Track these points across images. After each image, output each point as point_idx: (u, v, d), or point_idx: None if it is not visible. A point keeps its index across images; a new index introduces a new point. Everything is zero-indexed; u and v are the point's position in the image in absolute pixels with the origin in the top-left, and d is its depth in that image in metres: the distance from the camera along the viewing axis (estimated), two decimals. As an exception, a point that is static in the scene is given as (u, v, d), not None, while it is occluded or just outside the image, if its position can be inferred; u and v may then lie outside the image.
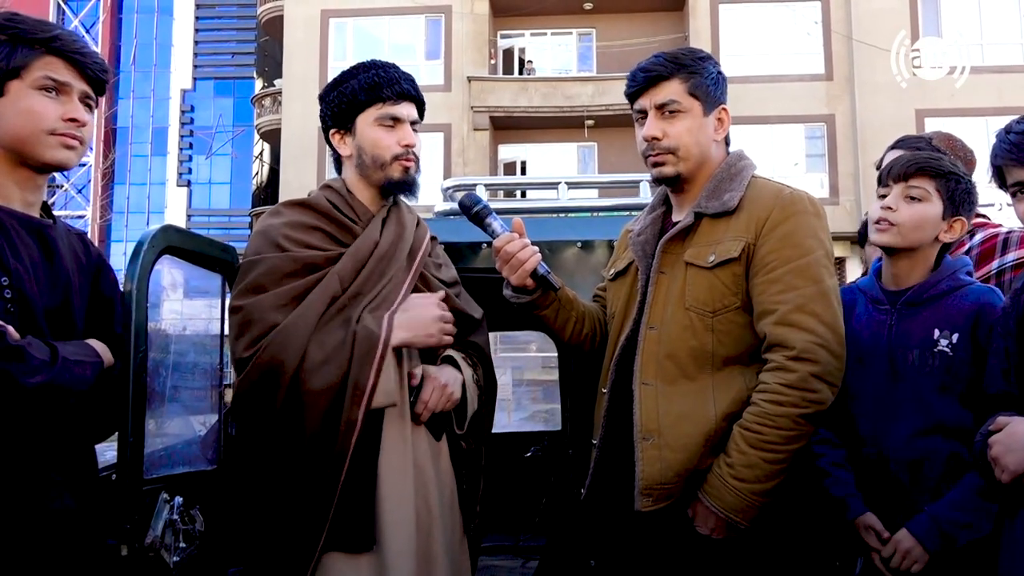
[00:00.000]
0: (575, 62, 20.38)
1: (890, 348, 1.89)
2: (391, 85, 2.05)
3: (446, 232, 2.69)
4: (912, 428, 1.83)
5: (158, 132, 31.61)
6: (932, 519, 1.76)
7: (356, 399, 1.83)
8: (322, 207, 2.04)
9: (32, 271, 1.53)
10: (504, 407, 12.13)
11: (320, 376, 1.82)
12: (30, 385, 1.40)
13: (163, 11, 31.65)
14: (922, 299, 1.89)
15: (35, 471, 1.50)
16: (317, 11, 19.45)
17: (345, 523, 1.83)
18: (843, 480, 1.90)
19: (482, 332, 2.20)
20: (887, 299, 1.95)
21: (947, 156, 2.06)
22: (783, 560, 1.85)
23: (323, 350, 1.84)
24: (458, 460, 2.09)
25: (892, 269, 1.96)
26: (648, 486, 1.83)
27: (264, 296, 1.87)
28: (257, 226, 2.03)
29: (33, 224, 1.59)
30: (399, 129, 2.07)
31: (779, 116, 17.67)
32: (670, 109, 1.94)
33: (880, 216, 1.92)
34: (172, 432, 2.14)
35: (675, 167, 1.95)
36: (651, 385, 1.88)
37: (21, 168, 1.58)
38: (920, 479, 1.81)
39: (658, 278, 1.94)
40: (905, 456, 1.83)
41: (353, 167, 2.09)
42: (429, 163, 17.79)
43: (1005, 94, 17.14)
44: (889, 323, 1.91)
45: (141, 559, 1.74)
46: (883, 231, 1.91)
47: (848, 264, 17.40)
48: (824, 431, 1.93)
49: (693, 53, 2.00)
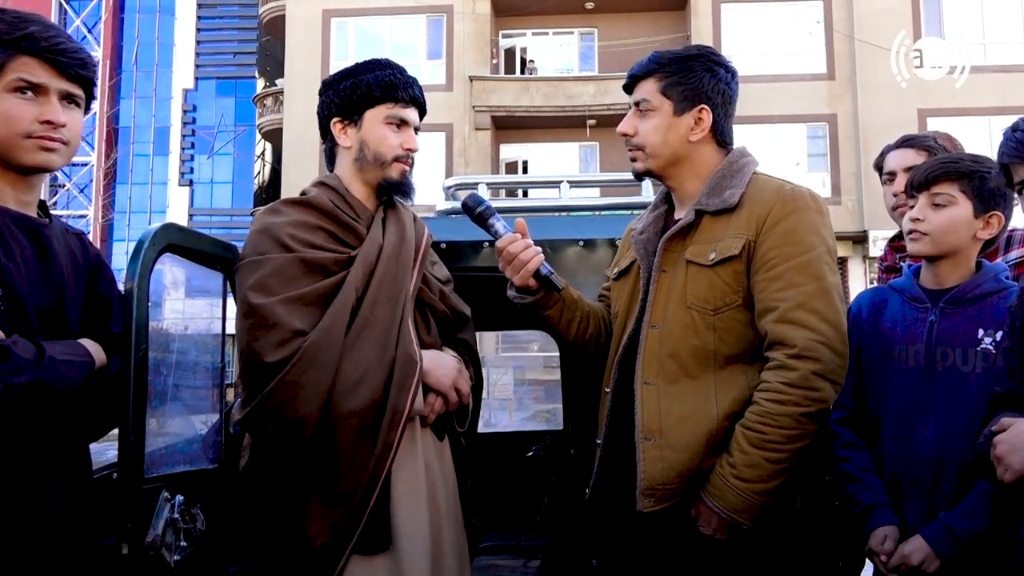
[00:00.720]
0: (577, 62, 20.38)
1: (929, 346, 1.85)
2: (406, 88, 2.09)
3: (448, 231, 2.69)
4: (943, 428, 1.79)
5: (160, 132, 31.62)
6: (946, 527, 1.73)
7: (394, 424, 1.86)
8: (324, 206, 2.02)
9: (24, 270, 1.52)
10: (506, 407, 12.13)
11: (355, 397, 1.84)
12: (15, 384, 1.40)
13: (165, 11, 31.67)
14: (966, 298, 1.86)
15: (27, 471, 1.50)
16: (319, 11, 19.46)
17: (365, 524, 1.84)
18: (873, 486, 1.85)
19: (469, 329, 2.23)
20: (928, 297, 1.91)
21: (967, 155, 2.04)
22: (786, 560, 1.84)
23: (357, 370, 1.85)
24: (458, 457, 2.12)
25: (933, 270, 1.93)
26: (650, 486, 1.83)
27: (280, 299, 1.86)
28: (257, 224, 2.00)
29: (28, 223, 1.57)
30: (404, 132, 2.09)
31: (781, 116, 17.66)
32: (642, 107, 1.98)
33: (910, 228, 1.90)
34: (173, 431, 2.14)
35: (644, 163, 2.00)
36: (653, 384, 1.87)
37: (9, 170, 1.57)
38: (945, 480, 1.77)
39: (659, 276, 1.93)
40: (933, 455, 1.79)
41: (350, 160, 2.09)
42: (430, 163, 17.83)
43: (1008, 94, 17.12)
44: (929, 320, 1.88)
45: (142, 558, 1.73)
46: (916, 240, 1.90)
47: (850, 264, 17.39)
48: (848, 434, 1.92)
49: (685, 51, 2.00)
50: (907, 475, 1.82)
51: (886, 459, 1.86)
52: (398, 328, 1.94)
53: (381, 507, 1.86)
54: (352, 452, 1.84)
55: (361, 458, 1.84)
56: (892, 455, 1.85)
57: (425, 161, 17.76)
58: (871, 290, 2.09)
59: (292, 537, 1.85)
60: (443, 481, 2.02)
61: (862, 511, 1.84)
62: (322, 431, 1.83)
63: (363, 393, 1.85)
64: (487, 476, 3.76)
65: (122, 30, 31.87)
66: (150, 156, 31.32)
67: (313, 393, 1.81)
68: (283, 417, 1.82)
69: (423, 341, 2.02)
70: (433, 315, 2.09)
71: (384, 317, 1.93)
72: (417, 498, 1.92)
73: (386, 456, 1.85)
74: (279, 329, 1.82)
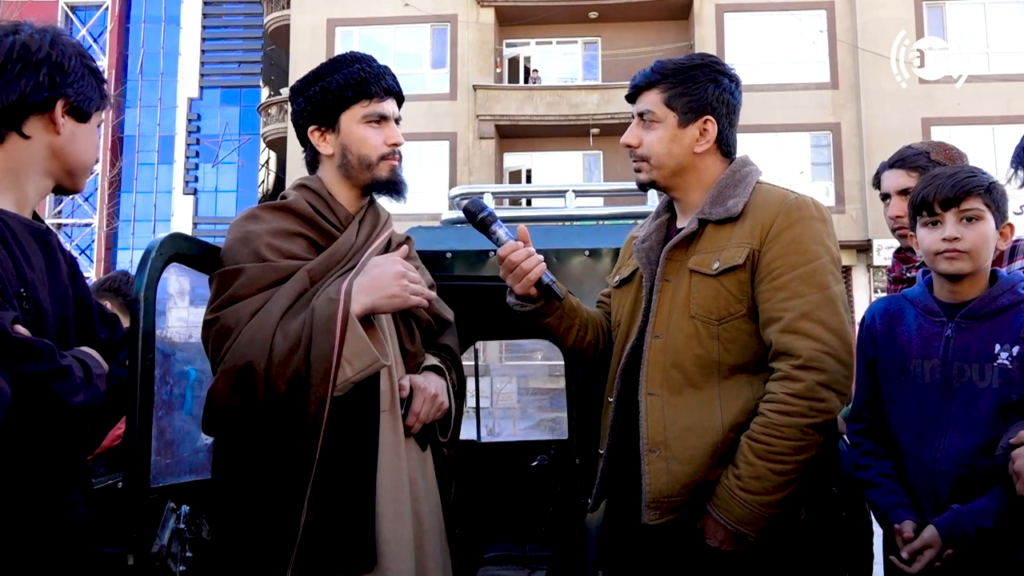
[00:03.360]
0: (580, 71, 20.42)
1: (945, 361, 1.83)
2: (378, 81, 1.98)
3: (453, 240, 2.69)
4: (962, 444, 1.77)
5: (165, 140, 31.69)
6: (957, 515, 1.72)
7: (324, 376, 1.73)
8: (304, 212, 1.95)
9: (41, 280, 1.51)
10: (510, 415, 12.09)
11: (290, 366, 1.73)
12: (75, 405, 1.37)
13: (170, 20, 31.78)
14: (982, 312, 1.84)
15: (61, 486, 1.49)
16: (323, 20, 19.53)
17: (346, 542, 1.78)
18: (895, 490, 1.85)
19: (452, 333, 2.17)
20: (943, 311, 1.88)
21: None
22: (793, 572, 1.83)
23: (287, 339, 1.75)
24: (440, 467, 2.05)
25: (953, 286, 1.88)
26: (655, 499, 1.82)
27: (243, 303, 1.80)
28: (234, 231, 1.92)
29: (39, 232, 1.55)
30: (385, 127, 2.00)
31: (784, 124, 17.67)
32: (646, 119, 1.97)
33: (945, 248, 1.84)
34: (179, 441, 2.14)
35: (649, 175, 1.99)
36: (657, 395, 1.86)
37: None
38: (964, 495, 1.75)
39: (662, 286, 1.93)
40: (951, 471, 1.78)
41: (335, 167, 2.01)
42: (434, 172, 17.87)
43: (1012, 102, 17.12)
44: (945, 335, 1.85)
45: (148, 568, 1.73)
46: (954, 259, 1.84)
47: (854, 273, 17.37)
48: (868, 443, 1.92)
49: (688, 61, 1.99)
50: (925, 490, 1.82)
51: (907, 472, 1.86)
52: None
53: (365, 525, 1.79)
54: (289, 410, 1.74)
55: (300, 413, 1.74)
56: (911, 468, 1.85)
57: (429, 170, 17.80)
58: (884, 299, 2.07)
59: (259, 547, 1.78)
60: (426, 495, 1.95)
61: (885, 514, 1.84)
62: (272, 415, 1.75)
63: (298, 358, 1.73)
64: (492, 486, 3.75)
65: (127, 39, 31.98)
66: (155, 165, 31.37)
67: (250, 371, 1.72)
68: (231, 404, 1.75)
69: (406, 350, 1.99)
70: (416, 323, 2.04)
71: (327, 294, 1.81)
72: (401, 514, 1.85)
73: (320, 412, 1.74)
74: (235, 331, 1.77)
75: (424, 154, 17.95)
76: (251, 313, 1.79)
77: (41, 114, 1.48)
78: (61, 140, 1.51)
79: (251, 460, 1.81)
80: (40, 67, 1.45)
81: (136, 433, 1.70)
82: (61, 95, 1.49)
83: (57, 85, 1.47)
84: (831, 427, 1.79)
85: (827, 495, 1.91)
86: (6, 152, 1.46)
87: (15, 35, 1.45)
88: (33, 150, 1.49)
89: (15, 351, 1.28)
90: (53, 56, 1.46)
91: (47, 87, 1.46)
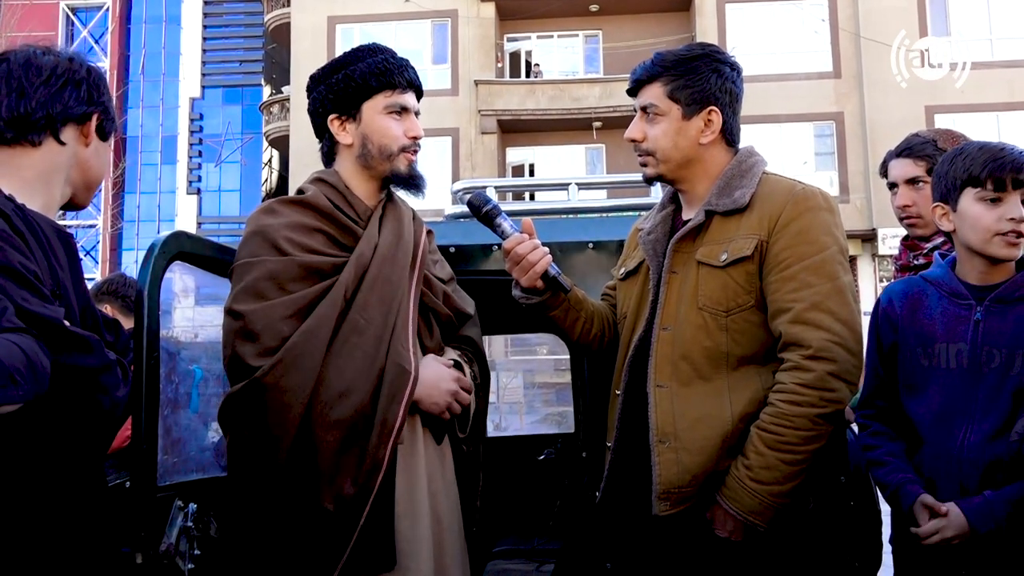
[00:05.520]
0: (582, 64, 20.39)
1: (974, 345, 1.75)
2: (401, 72, 1.98)
3: (457, 235, 2.68)
4: (991, 429, 1.71)
5: (167, 141, 31.70)
6: (988, 504, 1.67)
7: (384, 438, 1.76)
8: (323, 206, 1.93)
9: (68, 281, 1.53)
10: (516, 410, 12.09)
11: (339, 407, 1.74)
12: (118, 399, 1.41)
13: (171, 20, 31.75)
14: (1014, 296, 1.75)
15: (96, 482, 1.51)
16: (323, 18, 19.53)
17: (366, 543, 1.76)
18: (902, 467, 1.81)
19: (474, 325, 2.14)
20: (971, 294, 1.79)
21: None
22: (802, 561, 1.83)
23: (343, 379, 1.76)
24: (460, 464, 2.03)
25: (987, 268, 1.79)
26: (666, 490, 1.81)
27: (271, 304, 1.78)
28: (251, 225, 1.91)
29: (63, 234, 1.57)
30: (406, 119, 1.99)
31: (788, 115, 17.62)
32: (649, 112, 1.95)
33: (1010, 229, 1.73)
34: (186, 439, 2.14)
35: (655, 168, 1.97)
36: (666, 387, 1.86)
37: None
38: (991, 483, 1.70)
39: (670, 278, 1.92)
40: (979, 458, 1.71)
41: (353, 158, 1.99)
42: (437, 167, 17.84)
43: (1016, 89, 17.05)
44: (974, 319, 1.78)
45: (156, 566, 1.73)
46: (1015, 244, 1.73)
47: (860, 262, 17.33)
48: (879, 425, 1.89)
49: (688, 52, 1.97)
50: (948, 477, 1.75)
51: (925, 461, 1.80)
52: (390, 334, 1.84)
53: (384, 525, 1.78)
54: (334, 467, 1.74)
55: (345, 472, 1.74)
56: (931, 455, 1.79)
57: (431, 166, 17.77)
58: (901, 282, 2.00)
59: (286, 556, 1.77)
60: (445, 493, 1.94)
61: (894, 492, 1.80)
62: (302, 443, 1.74)
63: (348, 404, 1.75)
64: (499, 480, 3.75)
65: (128, 40, 31.99)
66: (158, 165, 31.39)
67: (293, 399, 1.72)
68: (260, 423, 1.74)
69: (425, 346, 1.96)
70: (436, 318, 2.02)
71: (375, 322, 1.83)
72: (419, 514, 1.84)
73: (376, 472, 1.75)
74: (265, 336, 1.76)
75: (426, 150, 17.70)
76: (284, 317, 1.78)
77: (77, 125, 1.56)
78: (87, 152, 1.59)
79: (269, 458, 1.78)
80: (81, 84, 1.56)
81: (142, 432, 1.70)
82: (96, 110, 1.59)
83: (94, 101, 1.58)
84: (840, 417, 1.78)
85: (835, 485, 1.90)
86: (42, 155, 1.53)
87: (55, 56, 1.57)
88: (64, 158, 1.56)
89: (70, 343, 1.31)
90: (92, 76, 1.59)
91: (86, 101, 1.57)
